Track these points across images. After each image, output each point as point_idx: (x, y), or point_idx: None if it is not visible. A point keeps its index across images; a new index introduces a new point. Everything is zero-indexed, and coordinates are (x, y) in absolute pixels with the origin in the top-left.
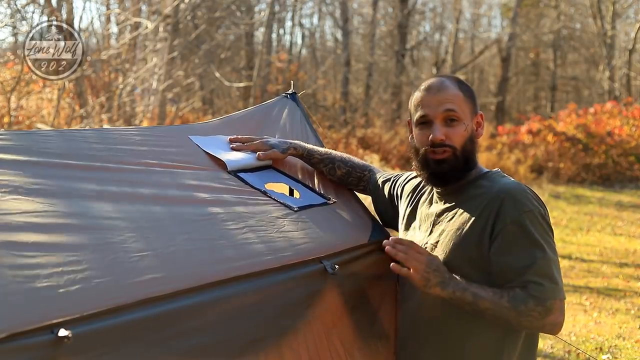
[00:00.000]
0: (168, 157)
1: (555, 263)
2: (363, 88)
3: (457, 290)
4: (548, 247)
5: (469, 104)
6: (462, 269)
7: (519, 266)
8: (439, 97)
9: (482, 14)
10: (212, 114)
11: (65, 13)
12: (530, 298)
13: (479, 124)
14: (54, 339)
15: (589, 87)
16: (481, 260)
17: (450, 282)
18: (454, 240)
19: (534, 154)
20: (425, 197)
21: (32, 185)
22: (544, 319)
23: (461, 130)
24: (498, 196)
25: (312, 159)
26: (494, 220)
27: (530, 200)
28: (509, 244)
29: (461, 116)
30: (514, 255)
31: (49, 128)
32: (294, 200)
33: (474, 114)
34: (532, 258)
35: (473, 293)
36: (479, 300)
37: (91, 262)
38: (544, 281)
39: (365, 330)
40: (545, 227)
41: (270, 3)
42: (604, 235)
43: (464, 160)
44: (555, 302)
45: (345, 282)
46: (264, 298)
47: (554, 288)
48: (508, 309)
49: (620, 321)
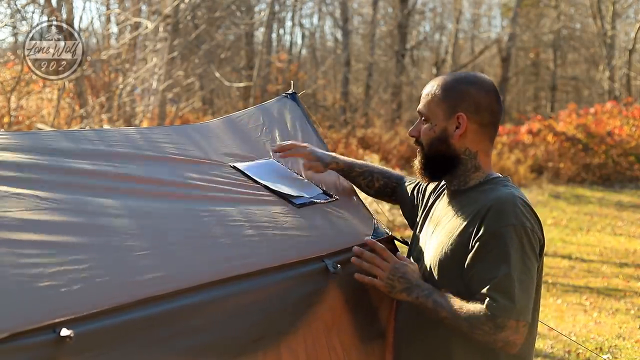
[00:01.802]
0: (169, 151)
1: (523, 282)
2: (363, 88)
3: (420, 297)
4: (519, 265)
5: (442, 104)
6: (449, 273)
7: (483, 278)
8: (422, 96)
9: (482, 14)
10: (212, 114)
11: (65, 13)
12: (483, 312)
13: (459, 125)
14: (56, 339)
15: (589, 87)
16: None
17: (415, 289)
18: (443, 244)
19: (534, 154)
20: (440, 198)
21: (32, 183)
22: (494, 335)
23: (427, 129)
24: (486, 206)
25: (352, 172)
26: (477, 230)
27: (517, 215)
28: (480, 255)
29: (429, 116)
30: (481, 266)
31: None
32: (296, 196)
33: (450, 114)
34: (496, 272)
35: (434, 301)
36: (438, 308)
37: (93, 261)
38: (500, 297)
39: (364, 330)
40: (525, 244)
41: (270, 3)
42: (604, 235)
43: (430, 158)
44: (509, 321)
45: (346, 281)
46: (265, 297)
47: (509, 307)
48: (462, 320)
49: (620, 321)
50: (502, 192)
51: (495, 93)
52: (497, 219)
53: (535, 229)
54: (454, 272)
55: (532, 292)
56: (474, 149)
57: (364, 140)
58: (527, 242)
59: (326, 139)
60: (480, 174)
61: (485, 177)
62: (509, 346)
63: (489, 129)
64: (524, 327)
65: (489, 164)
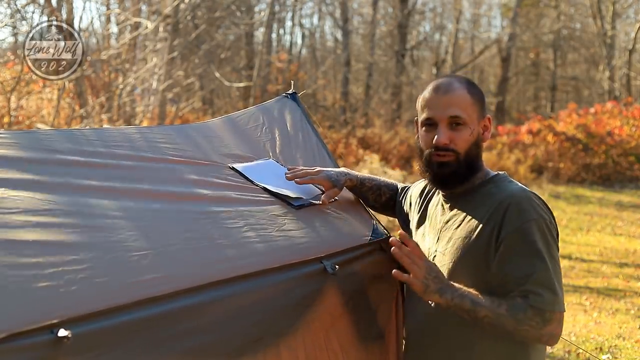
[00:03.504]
0: (168, 152)
1: (557, 274)
2: (363, 88)
3: (455, 297)
4: (549, 258)
5: (476, 107)
6: (469, 277)
7: (519, 275)
8: (446, 100)
9: (482, 14)
10: (212, 114)
11: (65, 13)
12: (529, 307)
13: (486, 128)
14: (54, 339)
15: (589, 87)
16: (487, 269)
17: (449, 290)
18: (461, 249)
19: (534, 154)
20: (434, 201)
21: (32, 183)
22: (541, 329)
23: (466, 134)
24: (503, 204)
25: (362, 187)
26: (499, 229)
27: (535, 209)
28: (510, 253)
29: (467, 120)
30: (514, 264)
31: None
32: (295, 198)
33: (481, 117)
34: (532, 267)
35: (471, 300)
36: (477, 307)
37: (91, 261)
38: (544, 291)
39: (363, 331)
40: (548, 236)
41: (270, 3)
42: (604, 235)
43: (466, 165)
44: (555, 314)
45: (345, 282)
46: (264, 298)
47: (554, 299)
48: (506, 317)
49: (620, 321)
50: (513, 188)
51: None
52: (518, 216)
53: (552, 221)
54: (473, 274)
55: (562, 282)
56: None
57: (364, 140)
58: (549, 234)
59: (326, 139)
60: (482, 173)
61: (485, 175)
62: (553, 339)
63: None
64: (562, 318)
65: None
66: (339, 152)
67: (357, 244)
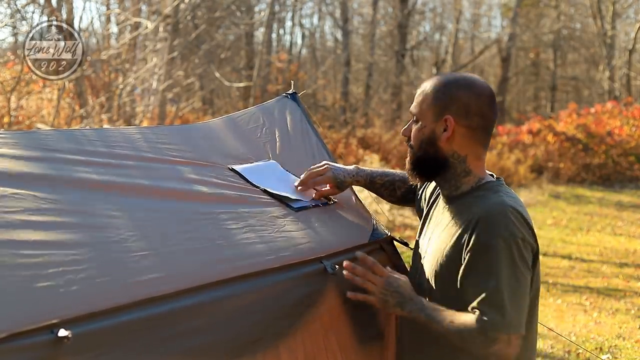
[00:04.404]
0: (169, 153)
1: (514, 294)
2: (363, 88)
3: (414, 311)
4: (508, 278)
5: (433, 106)
6: (444, 281)
7: (474, 291)
8: (415, 96)
9: (482, 14)
10: (212, 114)
11: (65, 13)
12: (474, 326)
13: (446, 128)
14: (54, 339)
15: (589, 87)
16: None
17: (408, 303)
18: (437, 254)
19: (534, 154)
20: (437, 202)
21: (33, 182)
22: (486, 349)
23: (416, 130)
24: (476, 217)
25: (374, 185)
26: (467, 241)
27: (507, 225)
28: (471, 267)
29: (419, 117)
30: (472, 279)
31: (49, 128)
32: (295, 200)
33: (438, 116)
34: (485, 286)
35: (426, 315)
36: (431, 322)
37: (91, 261)
38: (490, 312)
39: (363, 331)
40: (515, 255)
41: (270, 3)
42: (604, 235)
43: (419, 160)
44: (500, 335)
45: (345, 283)
46: (263, 298)
47: (499, 321)
48: (453, 333)
49: (620, 321)
50: (492, 201)
51: (489, 97)
52: (487, 230)
53: (527, 237)
54: (449, 282)
55: (524, 304)
56: (462, 153)
57: (364, 140)
58: (517, 253)
59: (326, 139)
60: (472, 178)
61: (477, 182)
62: (503, 359)
63: (479, 132)
64: (517, 339)
65: (481, 168)
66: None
67: (357, 244)
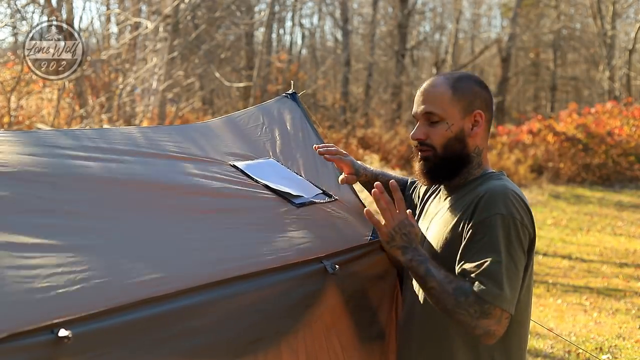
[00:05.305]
0: (170, 149)
1: (510, 273)
2: (363, 88)
3: (414, 260)
4: (505, 254)
5: (458, 102)
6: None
7: (472, 264)
8: (422, 97)
9: (482, 14)
10: (212, 114)
11: (65, 13)
12: (472, 294)
13: (477, 122)
14: (54, 339)
15: (589, 87)
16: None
17: (411, 251)
18: (439, 237)
19: (534, 154)
20: (436, 194)
21: (31, 183)
22: (477, 320)
23: (442, 130)
24: (478, 197)
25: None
26: (468, 220)
27: (507, 205)
28: (470, 243)
29: (443, 116)
30: (470, 253)
31: (49, 128)
32: (296, 196)
33: (466, 112)
34: (485, 258)
35: (427, 268)
36: (429, 277)
37: (91, 262)
38: (489, 283)
39: (364, 330)
40: (512, 235)
41: (270, 3)
42: (604, 235)
43: (445, 160)
44: (495, 309)
45: (345, 282)
46: (264, 298)
47: (498, 294)
48: (449, 295)
49: (620, 321)
50: (494, 183)
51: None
52: (487, 208)
53: (525, 222)
54: (449, 264)
55: (517, 285)
56: (481, 146)
57: (364, 140)
58: (514, 233)
59: (326, 139)
60: (480, 170)
61: (482, 172)
62: (488, 336)
63: (490, 125)
64: (507, 319)
65: (487, 160)
66: None
67: (357, 244)
